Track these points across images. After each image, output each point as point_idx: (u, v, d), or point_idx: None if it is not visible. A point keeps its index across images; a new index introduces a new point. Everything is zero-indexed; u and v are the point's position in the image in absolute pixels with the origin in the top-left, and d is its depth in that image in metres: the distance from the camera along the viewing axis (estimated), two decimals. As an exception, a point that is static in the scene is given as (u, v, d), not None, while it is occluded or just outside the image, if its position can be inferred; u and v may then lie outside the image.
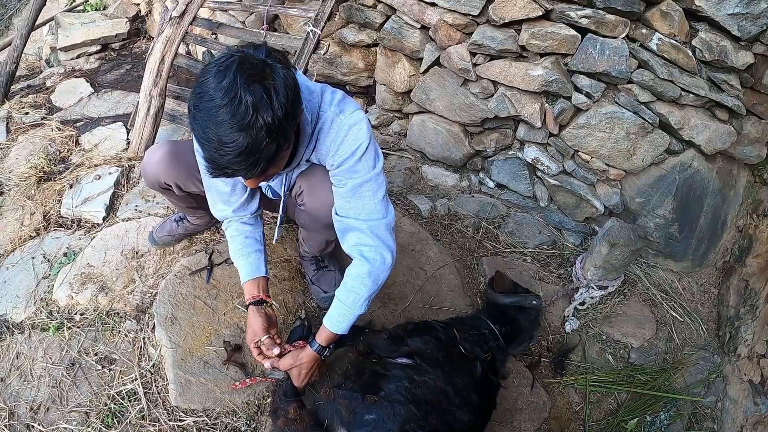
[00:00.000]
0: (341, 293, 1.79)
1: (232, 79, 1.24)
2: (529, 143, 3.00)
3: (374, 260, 1.74)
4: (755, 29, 2.39)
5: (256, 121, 1.25)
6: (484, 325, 2.22)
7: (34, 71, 4.81)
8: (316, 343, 1.84)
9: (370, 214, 1.72)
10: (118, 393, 2.06)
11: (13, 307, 2.39)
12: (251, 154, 1.29)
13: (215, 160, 1.32)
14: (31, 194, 2.93)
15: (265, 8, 3.16)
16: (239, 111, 1.23)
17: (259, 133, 1.26)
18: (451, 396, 1.81)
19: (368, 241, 1.73)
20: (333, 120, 1.64)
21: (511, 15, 2.62)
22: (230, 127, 1.25)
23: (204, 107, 1.27)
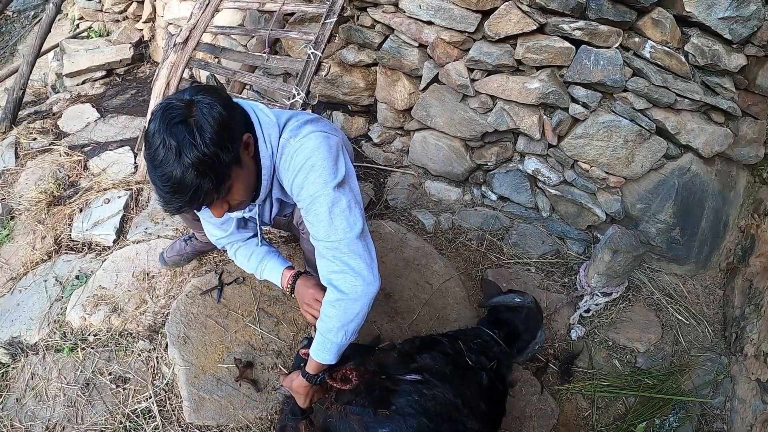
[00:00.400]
0: (318, 322, 1.72)
1: (158, 124, 1.37)
2: (529, 155, 3.04)
3: (342, 288, 1.62)
4: (746, 31, 2.43)
5: (182, 159, 1.35)
6: (483, 333, 2.24)
7: (40, 97, 4.89)
8: (305, 371, 1.81)
9: (328, 234, 1.62)
10: (133, 411, 2.10)
11: (27, 329, 2.44)
12: (185, 189, 1.38)
13: (161, 197, 1.43)
14: (41, 218, 2.98)
15: (267, 32, 3.23)
16: (167, 153, 1.35)
17: (187, 171, 1.36)
18: (460, 407, 1.83)
19: (333, 266, 1.64)
20: (284, 147, 1.65)
21: (506, 30, 2.67)
22: (164, 168, 1.36)
23: (147, 154, 1.41)
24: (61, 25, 6.18)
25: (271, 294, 2.49)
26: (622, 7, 2.49)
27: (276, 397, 2.17)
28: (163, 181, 1.38)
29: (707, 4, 2.40)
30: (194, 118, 1.38)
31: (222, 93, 1.51)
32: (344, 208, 1.62)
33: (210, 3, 3.19)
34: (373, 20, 3.20)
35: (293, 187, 1.66)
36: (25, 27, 6.86)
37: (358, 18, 3.29)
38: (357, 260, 1.62)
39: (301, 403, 1.87)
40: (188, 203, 1.42)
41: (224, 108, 1.44)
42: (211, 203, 1.49)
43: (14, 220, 3.08)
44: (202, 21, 3.18)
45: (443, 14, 2.83)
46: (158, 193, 1.43)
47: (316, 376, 1.80)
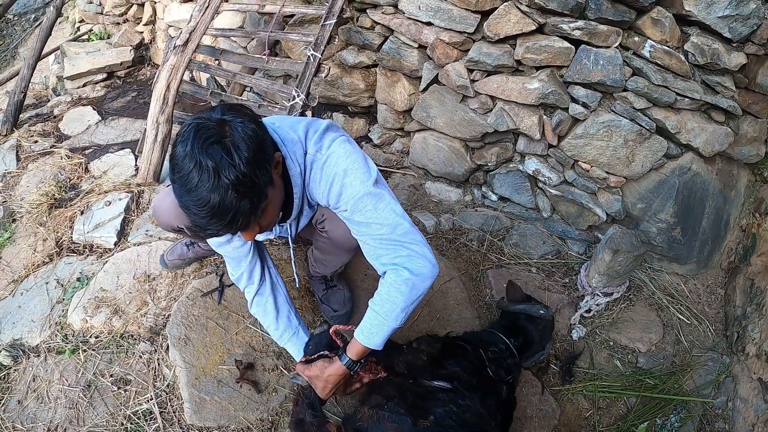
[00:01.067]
0: (376, 303, 1.67)
1: (191, 146, 1.30)
2: (530, 155, 3.04)
3: (411, 268, 1.61)
4: (746, 30, 2.43)
5: (220, 181, 1.29)
6: (499, 340, 2.24)
7: (41, 100, 4.91)
8: (346, 356, 1.73)
9: (382, 228, 1.63)
10: (134, 413, 2.10)
11: (29, 331, 2.44)
12: (225, 212, 1.32)
13: (196, 223, 1.37)
14: (43, 221, 2.99)
15: (266, 34, 3.23)
16: (203, 175, 1.28)
17: (226, 192, 1.30)
18: (486, 418, 1.83)
19: (398, 253, 1.63)
20: (312, 162, 1.64)
21: (506, 31, 2.68)
22: (199, 192, 1.30)
23: (177, 178, 1.33)
24: (61, 28, 6.21)
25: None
26: (622, 6, 2.49)
27: (277, 398, 2.17)
28: (199, 205, 1.31)
29: (707, 2, 2.40)
30: (229, 138, 1.33)
31: (251, 111, 1.47)
32: (389, 201, 1.64)
33: (210, 5, 3.20)
34: (373, 21, 3.20)
35: (330, 197, 1.65)
36: (26, 30, 6.88)
37: (358, 19, 3.30)
38: (418, 245, 1.63)
39: (325, 393, 1.80)
40: (227, 227, 1.37)
41: (257, 126, 1.41)
42: (247, 226, 1.43)
43: (16, 222, 3.09)
44: (202, 23, 3.19)
45: (442, 15, 2.84)
46: (192, 219, 1.37)
47: (358, 363, 1.75)
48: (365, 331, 1.68)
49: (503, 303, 2.47)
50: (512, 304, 2.44)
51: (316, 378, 1.80)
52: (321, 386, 1.80)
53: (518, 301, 2.46)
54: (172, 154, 1.35)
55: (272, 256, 2.61)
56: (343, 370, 1.75)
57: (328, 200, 1.67)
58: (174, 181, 1.35)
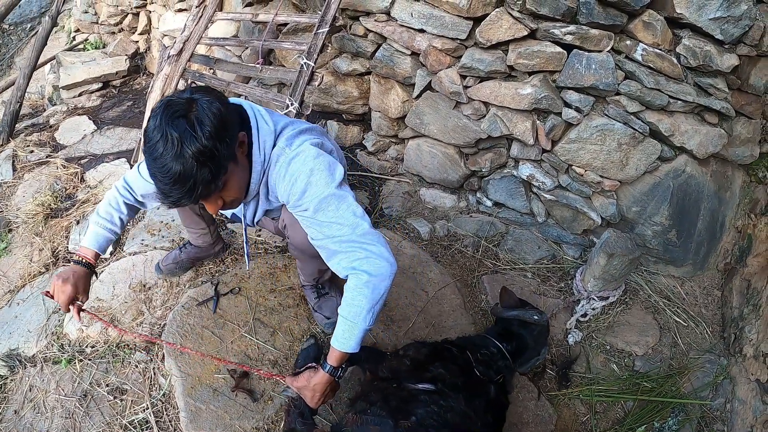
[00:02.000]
0: (343, 309, 1.71)
1: (160, 119, 1.43)
2: (524, 161, 3.05)
3: (369, 270, 1.65)
4: (738, 31, 2.45)
5: (183, 150, 1.41)
6: (491, 344, 2.24)
7: (37, 110, 4.93)
8: (328, 365, 1.78)
9: (342, 229, 1.67)
10: (131, 422, 2.10)
11: (25, 341, 2.44)
12: (185, 180, 1.44)
13: (160, 189, 1.49)
14: (38, 231, 2.99)
15: (260, 43, 3.24)
16: (168, 145, 1.41)
17: (188, 161, 1.42)
18: (473, 418, 1.83)
19: (355, 255, 1.67)
20: (279, 156, 1.71)
21: (498, 37, 2.69)
22: (164, 160, 1.42)
23: (146, 148, 1.46)
24: (57, 37, 6.23)
25: (267, 304, 2.50)
26: (613, 10, 2.51)
27: (273, 406, 2.17)
28: (163, 172, 1.44)
29: (698, 5, 2.42)
30: (194, 112, 1.44)
31: (219, 93, 1.57)
32: (351, 203, 1.68)
33: (204, 15, 3.21)
34: (366, 29, 3.22)
35: (292, 193, 1.69)
36: (22, 40, 6.91)
37: (351, 27, 3.31)
38: (376, 245, 1.67)
39: (314, 402, 1.83)
40: (187, 194, 1.48)
41: (222, 105, 1.50)
42: (208, 195, 1.54)
43: (12, 232, 3.09)
44: (196, 33, 3.20)
45: (435, 22, 2.85)
46: (157, 186, 1.48)
47: (339, 369, 1.79)
48: (339, 338, 1.73)
49: (497, 309, 2.47)
50: (506, 310, 2.43)
51: (304, 388, 1.83)
52: (309, 395, 1.83)
53: (512, 306, 2.45)
54: (144, 128, 1.49)
55: (267, 264, 2.63)
56: (327, 378, 1.79)
57: (289, 197, 1.71)
58: (144, 151, 1.48)
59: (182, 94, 1.51)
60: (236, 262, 2.70)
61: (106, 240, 2.04)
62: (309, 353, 2.05)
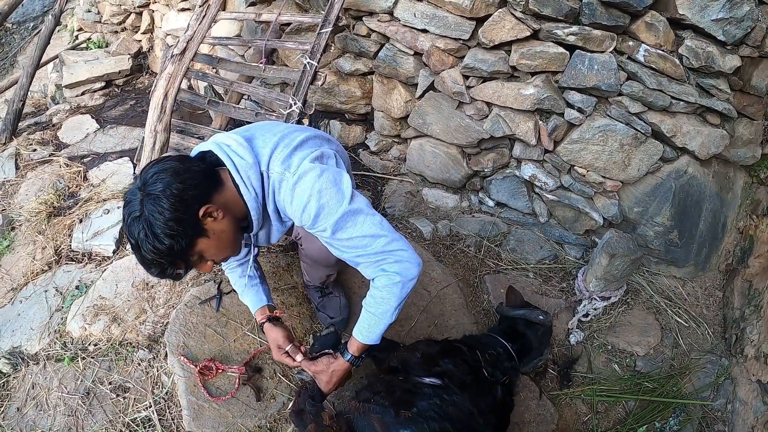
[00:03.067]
0: (370, 305, 1.78)
1: (125, 220, 1.57)
2: (526, 161, 3.05)
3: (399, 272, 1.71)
4: (740, 32, 2.44)
5: (143, 252, 1.55)
6: (498, 343, 2.24)
7: (40, 108, 4.92)
8: (349, 353, 1.87)
9: (366, 243, 1.69)
10: (133, 420, 2.11)
11: (28, 339, 2.45)
12: (154, 270, 1.61)
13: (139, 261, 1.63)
14: (41, 229, 3.00)
15: (263, 42, 3.25)
16: (133, 246, 1.57)
17: (152, 259, 1.56)
18: (476, 416, 1.84)
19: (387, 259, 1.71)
20: (280, 182, 1.69)
21: (501, 37, 2.70)
22: (135, 253, 1.60)
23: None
24: (60, 36, 6.24)
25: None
26: (616, 11, 2.51)
27: (275, 405, 2.17)
28: (138, 260, 1.61)
29: (700, 6, 2.42)
30: (144, 215, 1.52)
31: (177, 165, 1.60)
32: (367, 213, 1.69)
33: (207, 14, 3.21)
34: (369, 29, 3.22)
35: (304, 218, 1.68)
36: (25, 38, 6.92)
37: (354, 27, 3.31)
38: (402, 251, 1.71)
39: (329, 387, 1.93)
40: (160, 275, 1.63)
41: (178, 185, 1.54)
42: (184, 274, 1.69)
43: (15, 230, 3.10)
44: (200, 32, 3.21)
45: (438, 22, 2.86)
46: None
47: (360, 358, 1.89)
48: (363, 331, 1.82)
49: (503, 308, 2.47)
50: (511, 309, 2.44)
51: (322, 372, 1.92)
52: (326, 380, 1.92)
53: (518, 306, 2.46)
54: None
55: (270, 263, 2.63)
56: (347, 365, 1.89)
57: (302, 221, 1.70)
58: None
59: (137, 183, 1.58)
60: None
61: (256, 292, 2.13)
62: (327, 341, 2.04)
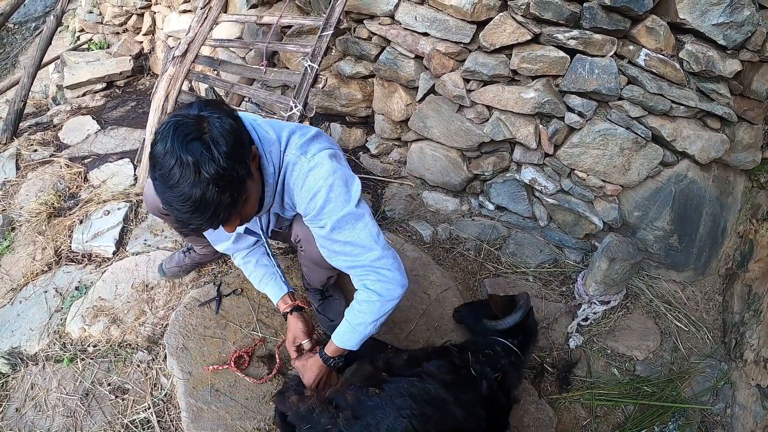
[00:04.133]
0: (349, 314, 1.83)
1: (171, 143, 1.33)
2: (526, 165, 3.05)
3: (379, 291, 1.75)
4: (740, 37, 2.45)
5: (201, 176, 1.32)
6: (497, 342, 2.24)
7: (41, 109, 4.93)
8: (323, 352, 1.95)
9: (358, 252, 1.71)
10: (132, 422, 2.10)
11: (27, 339, 2.45)
12: (206, 207, 1.36)
13: (179, 219, 1.40)
14: (42, 230, 3.00)
15: (264, 45, 3.25)
16: (184, 171, 1.32)
17: (207, 186, 1.33)
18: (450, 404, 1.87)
19: (368, 277, 1.75)
20: (294, 163, 1.67)
21: (502, 41, 2.70)
22: (180, 188, 1.33)
23: (159, 175, 1.36)
24: (61, 37, 6.25)
25: (270, 305, 2.50)
26: (616, 15, 2.51)
27: (274, 407, 2.17)
28: (181, 201, 1.35)
29: (701, 10, 2.42)
30: (208, 134, 1.36)
31: (227, 106, 1.50)
32: (367, 222, 1.71)
33: (208, 16, 3.22)
34: (370, 32, 3.23)
35: (309, 207, 1.68)
36: (27, 39, 6.93)
37: (355, 30, 3.32)
38: (389, 270, 1.74)
39: (308, 382, 1.99)
40: (209, 221, 1.41)
41: (234, 120, 1.45)
42: (229, 219, 1.48)
43: (15, 231, 3.10)
44: (201, 34, 3.22)
45: (439, 26, 2.86)
46: (175, 215, 1.40)
47: (333, 360, 1.95)
48: (340, 336, 1.88)
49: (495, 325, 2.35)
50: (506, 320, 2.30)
51: (302, 367, 2.03)
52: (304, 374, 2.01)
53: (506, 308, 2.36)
54: (152, 153, 1.38)
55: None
56: (320, 363, 1.96)
57: (306, 210, 1.70)
58: (155, 178, 1.38)
59: (189, 110, 1.41)
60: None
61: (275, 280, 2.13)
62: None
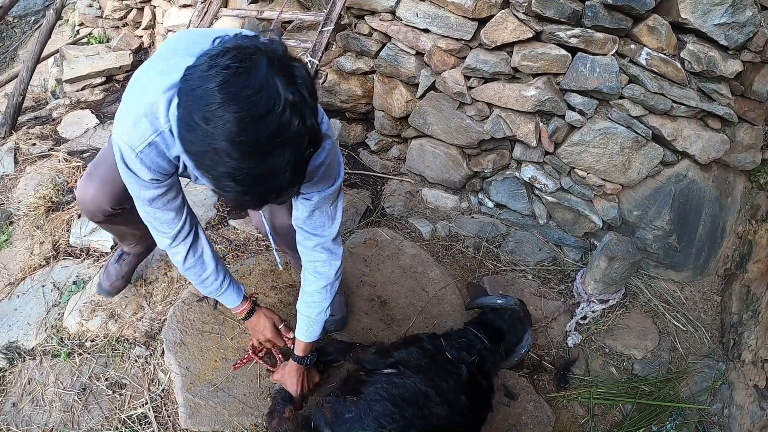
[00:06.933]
0: (304, 309, 1.93)
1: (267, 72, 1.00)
2: (526, 162, 3.05)
3: (327, 274, 1.86)
4: (742, 37, 2.44)
5: (301, 129, 1.04)
6: (470, 333, 2.27)
7: (40, 103, 4.91)
8: (295, 355, 2.03)
9: (324, 229, 1.77)
10: (129, 417, 2.10)
11: (25, 334, 2.44)
12: (300, 167, 1.11)
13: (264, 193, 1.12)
14: (40, 224, 2.99)
15: (265, 38, 3.24)
16: (293, 115, 1.02)
17: (303, 142, 1.07)
18: (431, 396, 1.89)
19: (321, 256, 1.83)
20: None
21: (503, 38, 2.69)
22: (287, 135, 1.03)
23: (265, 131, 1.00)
24: (61, 31, 6.22)
25: (268, 301, 2.50)
26: (618, 14, 2.50)
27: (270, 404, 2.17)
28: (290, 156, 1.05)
29: (703, 10, 2.42)
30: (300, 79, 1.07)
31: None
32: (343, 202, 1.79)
33: (209, 11, 3.21)
34: (371, 28, 3.21)
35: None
36: (26, 32, 6.91)
37: (356, 26, 3.31)
38: (339, 246, 1.86)
39: (294, 390, 2.06)
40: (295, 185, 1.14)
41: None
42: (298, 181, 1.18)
43: (13, 225, 3.08)
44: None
45: (440, 22, 2.85)
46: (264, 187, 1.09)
47: (306, 358, 2.03)
48: (303, 332, 1.97)
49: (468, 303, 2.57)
50: (472, 300, 2.54)
51: (282, 377, 2.10)
52: (288, 384, 2.07)
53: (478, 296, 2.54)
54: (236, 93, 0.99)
55: (268, 262, 2.63)
56: (297, 366, 2.04)
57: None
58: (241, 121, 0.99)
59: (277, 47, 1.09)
60: (237, 258, 2.70)
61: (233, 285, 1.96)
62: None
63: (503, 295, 2.47)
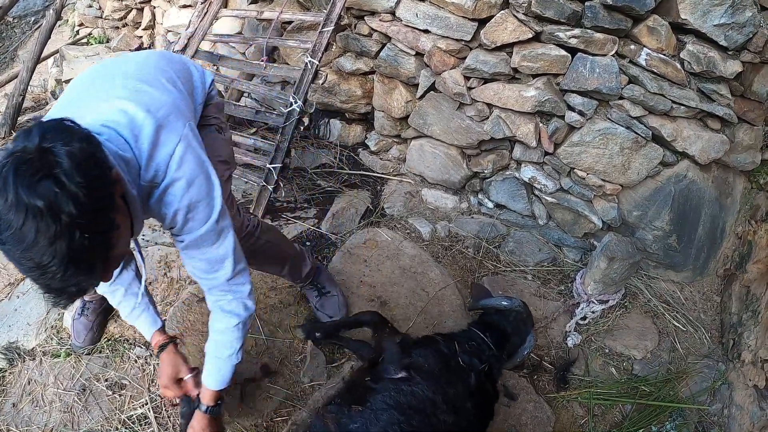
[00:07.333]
0: (215, 350, 1.72)
1: (15, 191, 1.01)
2: (526, 163, 3.05)
3: (236, 311, 1.66)
4: (741, 38, 2.45)
5: (60, 222, 1.03)
6: (475, 335, 2.27)
7: (40, 103, 4.91)
8: (204, 405, 1.78)
9: (209, 273, 1.59)
10: (129, 417, 2.10)
11: (25, 334, 2.44)
12: (79, 260, 1.08)
13: (52, 287, 1.11)
14: (40, 225, 2.99)
15: (265, 40, 3.24)
16: (41, 223, 1.02)
17: (72, 234, 1.05)
18: (438, 403, 1.87)
19: (226, 297, 1.65)
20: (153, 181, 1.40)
21: (503, 39, 2.69)
22: (42, 245, 1.03)
23: (8, 237, 1.04)
24: (61, 31, 6.23)
25: (267, 302, 2.50)
26: (618, 14, 2.50)
27: (272, 404, 2.17)
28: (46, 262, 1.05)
29: (703, 11, 2.42)
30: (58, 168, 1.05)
31: (74, 125, 1.15)
32: (229, 236, 1.56)
33: (209, 11, 3.21)
34: (371, 29, 3.22)
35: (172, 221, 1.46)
36: (26, 33, 6.91)
37: (356, 26, 3.31)
38: (245, 285, 1.66)
39: None
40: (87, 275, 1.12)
41: (86, 143, 1.12)
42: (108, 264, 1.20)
43: (12, 226, 3.09)
44: (201, 29, 3.21)
45: (440, 23, 2.86)
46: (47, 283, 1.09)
47: (217, 404, 1.80)
48: (214, 378, 1.75)
49: (471, 304, 2.55)
50: (476, 301, 2.52)
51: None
52: None
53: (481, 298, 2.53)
54: None
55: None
56: (206, 417, 1.79)
57: (170, 224, 1.48)
58: (3, 242, 1.05)
59: (27, 143, 1.06)
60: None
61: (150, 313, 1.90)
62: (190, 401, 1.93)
63: (507, 297, 2.46)
